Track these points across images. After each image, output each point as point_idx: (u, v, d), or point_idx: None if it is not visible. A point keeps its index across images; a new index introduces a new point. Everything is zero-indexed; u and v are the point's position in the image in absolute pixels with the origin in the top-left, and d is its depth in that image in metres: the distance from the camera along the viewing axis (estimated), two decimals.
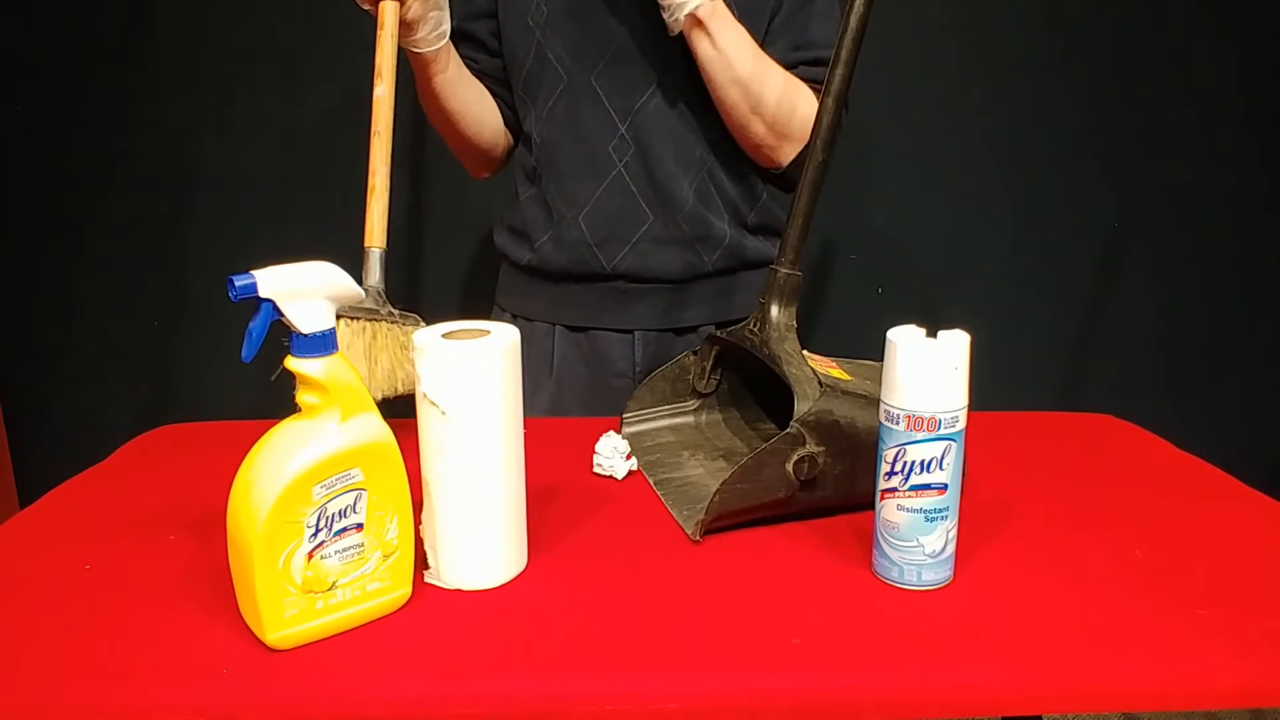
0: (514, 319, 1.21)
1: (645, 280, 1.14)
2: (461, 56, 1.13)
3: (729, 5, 1.03)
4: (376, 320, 0.92)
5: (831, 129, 0.84)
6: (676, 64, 1.07)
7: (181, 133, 1.77)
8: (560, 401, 1.18)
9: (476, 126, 1.17)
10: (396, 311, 0.94)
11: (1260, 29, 1.79)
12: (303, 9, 1.72)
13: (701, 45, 1.01)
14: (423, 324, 0.91)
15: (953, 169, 1.83)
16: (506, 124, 1.21)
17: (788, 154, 1.10)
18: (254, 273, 0.60)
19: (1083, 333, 1.93)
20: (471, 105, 1.15)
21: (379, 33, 0.99)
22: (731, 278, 1.18)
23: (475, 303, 1.28)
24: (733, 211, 1.15)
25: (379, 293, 0.94)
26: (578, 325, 1.17)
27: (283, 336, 0.62)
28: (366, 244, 0.97)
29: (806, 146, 0.86)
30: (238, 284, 0.59)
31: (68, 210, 1.81)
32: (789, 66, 1.07)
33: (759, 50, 1.04)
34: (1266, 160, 1.85)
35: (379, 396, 0.89)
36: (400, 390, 0.92)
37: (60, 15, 1.72)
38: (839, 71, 0.83)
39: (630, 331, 1.16)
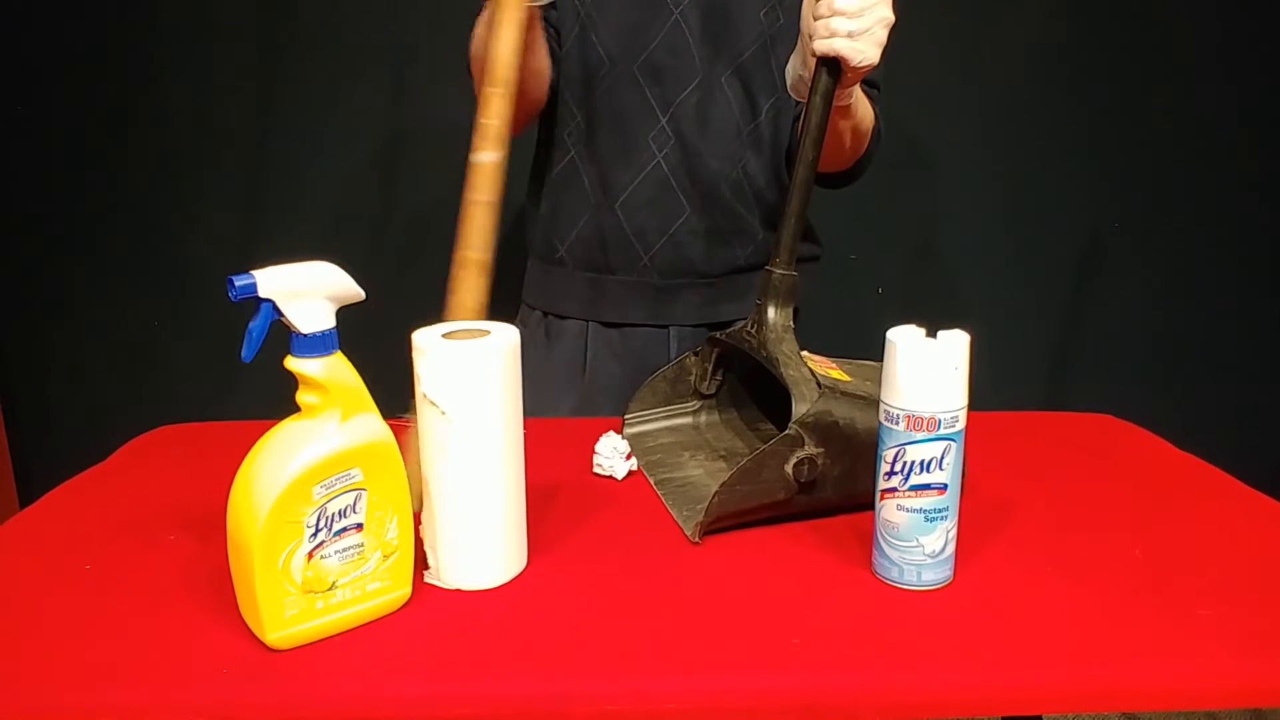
0: (544, 317, 1.21)
1: (681, 274, 1.14)
2: None
3: None
4: None
5: (820, 127, 0.85)
6: (721, 61, 1.08)
7: (182, 133, 1.77)
8: (591, 400, 1.17)
9: (541, 80, 1.12)
10: None
11: (1261, 29, 1.79)
12: (304, 10, 1.72)
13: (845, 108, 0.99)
14: None
15: (953, 169, 1.83)
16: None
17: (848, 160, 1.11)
18: (254, 273, 0.60)
19: (1083, 333, 1.93)
20: (543, 59, 1.10)
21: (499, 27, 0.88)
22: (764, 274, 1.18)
23: (498, 302, 1.26)
24: (765, 210, 1.16)
25: None
26: (612, 321, 1.17)
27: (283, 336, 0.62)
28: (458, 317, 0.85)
29: (799, 147, 0.86)
30: (238, 284, 0.59)
31: (68, 210, 1.81)
32: None
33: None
34: (1266, 160, 1.86)
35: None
36: None
37: (60, 15, 1.72)
38: (824, 68, 0.84)
39: (666, 327, 1.16)
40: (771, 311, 0.85)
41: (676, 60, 1.08)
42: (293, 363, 0.62)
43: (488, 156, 0.87)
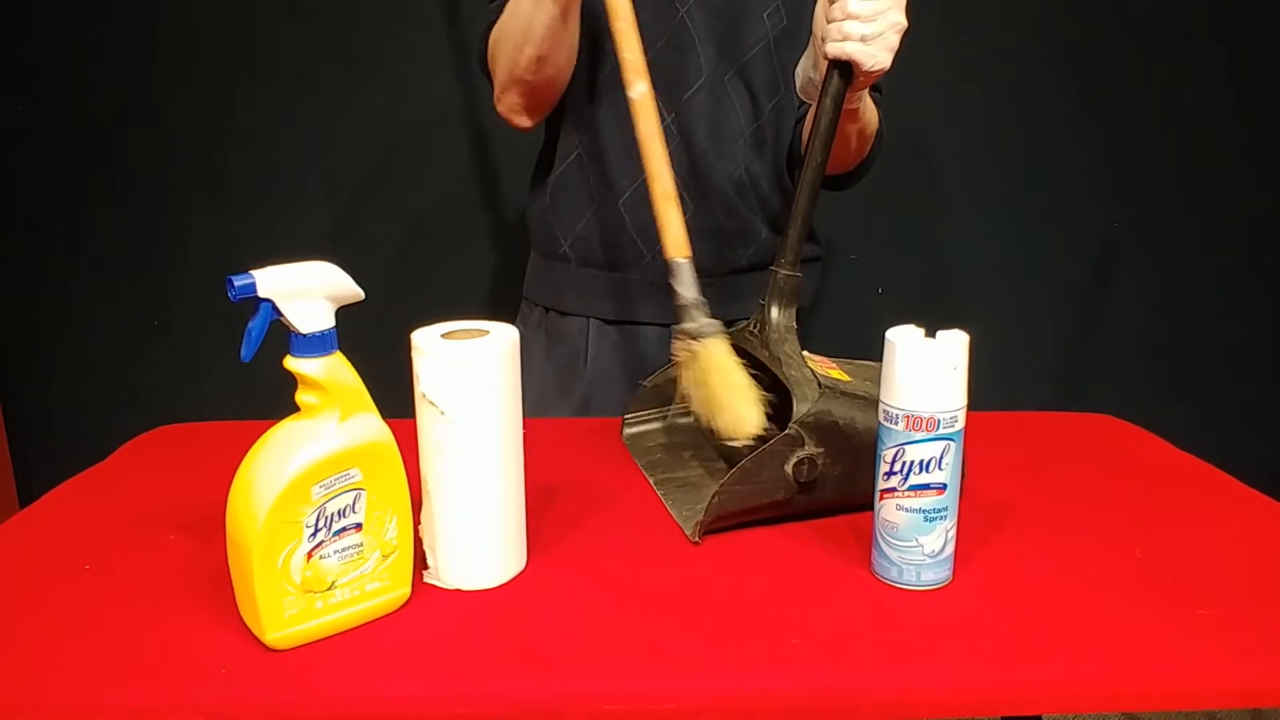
0: (545, 313, 1.20)
1: None
2: None
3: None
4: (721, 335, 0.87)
5: (829, 129, 0.85)
6: (725, 61, 1.08)
7: (181, 133, 1.77)
8: (591, 400, 1.17)
9: (572, 58, 1.11)
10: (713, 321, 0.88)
11: (1260, 29, 1.79)
12: (304, 9, 1.72)
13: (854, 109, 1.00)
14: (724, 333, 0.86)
15: (953, 169, 1.83)
16: None
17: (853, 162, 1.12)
18: (253, 273, 0.60)
19: (1083, 333, 1.93)
20: (575, 36, 1.09)
21: (615, 23, 0.92)
22: (768, 274, 1.18)
23: (503, 299, 1.26)
24: (768, 211, 1.16)
25: (701, 304, 0.90)
26: (613, 319, 1.17)
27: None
28: (673, 255, 0.91)
29: (807, 149, 0.86)
30: (237, 284, 0.59)
31: (67, 211, 1.81)
32: None
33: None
34: (1267, 160, 1.85)
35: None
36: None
37: (60, 16, 1.72)
38: (835, 71, 0.84)
39: (666, 326, 1.16)
40: (775, 311, 0.85)
41: (682, 60, 1.08)
42: (292, 363, 0.62)
43: (640, 89, 0.91)
